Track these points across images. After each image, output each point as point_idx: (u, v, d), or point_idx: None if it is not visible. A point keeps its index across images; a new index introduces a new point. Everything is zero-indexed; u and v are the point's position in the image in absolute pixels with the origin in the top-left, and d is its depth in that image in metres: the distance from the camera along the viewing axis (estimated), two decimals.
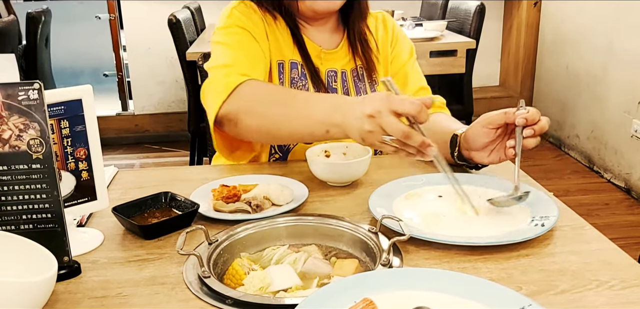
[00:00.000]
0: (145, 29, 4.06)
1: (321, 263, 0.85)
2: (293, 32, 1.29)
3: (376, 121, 0.88)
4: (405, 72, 1.37)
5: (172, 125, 4.21)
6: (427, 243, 0.87)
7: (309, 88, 1.29)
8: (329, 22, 1.33)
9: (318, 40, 1.32)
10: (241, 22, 1.24)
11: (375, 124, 0.88)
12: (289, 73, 1.28)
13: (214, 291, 0.75)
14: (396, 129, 0.86)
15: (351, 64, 1.34)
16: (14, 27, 3.24)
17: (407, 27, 3.20)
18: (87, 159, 0.90)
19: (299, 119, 1.04)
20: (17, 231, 0.79)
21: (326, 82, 1.31)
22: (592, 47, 3.50)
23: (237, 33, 1.23)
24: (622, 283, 0.78)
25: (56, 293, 0.77)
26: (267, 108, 1.09)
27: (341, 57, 1.33)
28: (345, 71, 1.33)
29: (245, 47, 1.22)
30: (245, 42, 1.22)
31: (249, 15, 1.25)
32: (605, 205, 3.08)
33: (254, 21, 1.25)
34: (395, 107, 0.87)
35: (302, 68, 1.29)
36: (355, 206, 1.03)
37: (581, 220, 0.97)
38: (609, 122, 3.35)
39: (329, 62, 1.32)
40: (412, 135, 0.86)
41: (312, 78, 1.29)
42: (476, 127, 1.06)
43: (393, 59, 1.38)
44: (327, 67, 1.32)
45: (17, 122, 0.76)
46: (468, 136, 1.08)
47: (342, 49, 1.34)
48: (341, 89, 1.32)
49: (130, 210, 0.98)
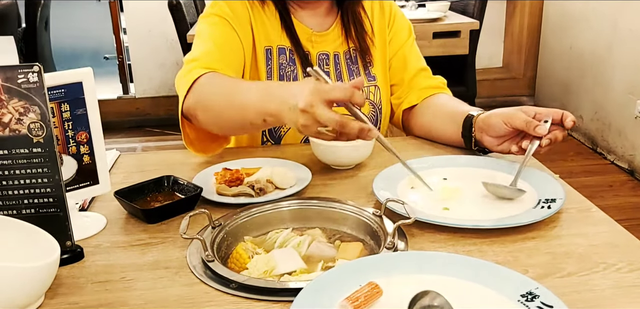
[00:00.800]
0: (146, 12, 4.03)
1: (325, 247, 0.84)
2: (281, 16, 1.27)
3: (309, 115, 0.86)
4: (404, 54, 1.35)
5: (173, 108, 4.19)
6: (432, 226, 0.86)
7: (298, 74, 1.27)
8: (322, 6, 1.30)
9: (310, 23, 1.30)
10: (221, 11, 1.23)
11: (309, 118, 0.86)
12: (276, 59, 1.27)
13: (218, 275, 0.75)
14: (330, 119, 0.85)
15: (344, 46, 1.32)
16: (13, 10, 3.22)
17: (410, 7, 3.18)
18: (89, 143, 0.89)
19: (238, 109, 1.02)
20: (18, 215, 0.79)
21: (317, 65, 1.29)
22: (596, 27, 3.47)
23: (214, 24, 1.22)
24: (630, 265, 0.77)
25: (59, 277, 0.76)
26: (214, 100, 1.07)
27: (333, 39, 1.31)
28: (337, 53, 1.31)
29: (219, 39, 1.20)
30: (219, 34, 1.21)
31: (231, 4, 1.24)
32: (609, 187, 3.07)
33: (235, 10, 1.24)
34: (326, 97, 0.86)
35: (290, 53, 1.27)
36: (359, 189, 1.02)
37: (587, 202, 0.96)
38: (613, 104, 3.33)
39: (320, 45, 1.30)
40: (347, 123, 0.85)
41: (302, 63, 1.27)
42: (497, 119, 1.05)
43: (391, 41, 1.35)
44: (319, 50, 1.30)
45: (17, 105, 0.75)
46: (488, 123, 1.07)
47: (334, 30, 1.31)
48: (334, 73, 1.30)
49: (133, 194, 0.97)
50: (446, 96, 1.30)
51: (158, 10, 3.83)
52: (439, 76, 1.35)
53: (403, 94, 1.34)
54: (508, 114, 1.04)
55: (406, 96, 1.33)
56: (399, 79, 1.35)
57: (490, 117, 1.07)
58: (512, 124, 1.03)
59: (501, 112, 1.05)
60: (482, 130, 1.08)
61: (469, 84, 3.02)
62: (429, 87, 1.31)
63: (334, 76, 1.30)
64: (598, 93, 3.48)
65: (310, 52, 1.29)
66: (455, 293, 0.66)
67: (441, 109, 1.25)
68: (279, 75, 1.27)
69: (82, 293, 0.75)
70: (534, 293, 0.67)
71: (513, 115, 1.03)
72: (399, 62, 1.35)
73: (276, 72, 1.26)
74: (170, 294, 0.74)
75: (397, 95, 1.35)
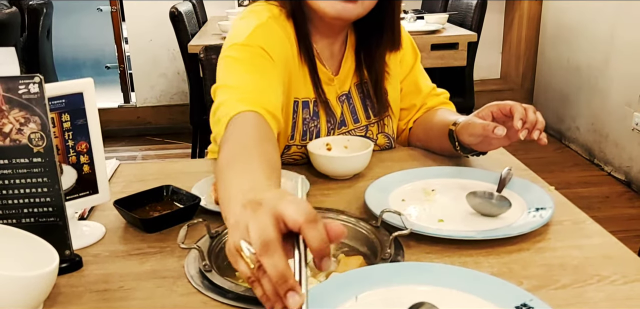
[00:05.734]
0: (147, 21, 4.05)
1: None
2: (310, 65, 1.17)
3: (245, 214, 0.58)
4: (415, 77, 1.31)
5: (174, 117, 4.21)
6: (428, 237, 0.87)
7: (321, 129, 1.20)
8: (341, 35, 1.22)
9: (326, 57, 1.21)
10: (266, 44, 1.09)
11: (242, 218, 0.58)
12: (301, 113, 1.18)
13: (215, 285, 0.75)
14: (258, 232, 0.55)
15: (355, 79, 1.25)
16: (16, 19, 3.23)
17: (409, 20, 3.19)
18: (89, 153, 0.90)
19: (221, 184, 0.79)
20: (18, 224, 0.79)
21: (338, 107, 1.23)
22: (594, 39, 3.49)
23: (259, 55, 1.07)
24: (624, 278, 0.78)
25: (57, 286, 0.77)
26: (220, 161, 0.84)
27: (348, 74, 1.24)
28: (350, 87, 1.25)
29: (262, 69, 1.07)
30: (262, 65, 1.07)
31: (273, 41, 1.11)
32: (606, 198, 3.08)
33: (275, 48, 1.10)
34: (279, 206, 0.57)
35: (314, 106, 1.19)
36: (356, 199, 1.03)
37: (582, 214, 0.96)
38: (610, 115, 3.34)
39: (340, 86, 1.23)
40: (273, 252, 0.54)
41: (325, 114, 1.20)
42: (464, 132, 1.08)
43: (401, 60, 1.30)
44: (338, 93, 1.23)
45: (18, 115, 0.76)
46: (465, 130, 1.09)
47: (347, 63, 1.23)
48: (348, 108, 1.24)
49: (132, 203, 0.98)
50: (445, 109, 1.29)
51: (160, 20, 3.84)
52: (443, 90, 1.34)
53: (413, 119, 1.33)
54: (469, 127, 1.06)
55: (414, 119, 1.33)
56: (410, 104, 1.32)
57: (468, 118, 1.09)
58: (471, 135, 1.06)
59: (465, 128, 1.08)
60: (463, 129, 1.10)
61: (467, 95, 3.04)
62: (433, 106, 1.31)
63: (348, 112, 1.24)
64: (595, 105, 3.50)
65: (330, 98, 1.21)
66: (451, 304, 0.67)
67: (434, 122, 1.25)
68: (302, 131, 1.19)
69: (80, 302, 0.75)
70: (528, 305, 0.67)
71: (474, 125, 1.05)
72: (410, 87, 1.31)
73: (300, 127, 1.18)
74: (168, 304, 0.74)
75: (405, 121, 1.33)
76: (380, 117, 1.26)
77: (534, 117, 0.99)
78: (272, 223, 0.56)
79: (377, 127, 1.27)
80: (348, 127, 1.24)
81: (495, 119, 1.05)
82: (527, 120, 0.99)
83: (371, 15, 1.13)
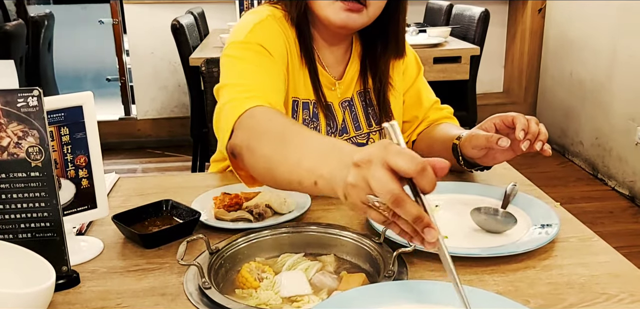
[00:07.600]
0: (148, 34, 4.06)
1: (327, 278, 0.83)
2: (310, 67, 1.16)
3: (361, 173, 0.63)
4: (418, 89, 1.30)
5: (174, 130, 4.20)
6: (432, 254, 0.85)
7: (321, 130, 1.18)
8: (345, 42, 1.22)
9: (330, 62, 1.21)
10: (265, 41, 1.09)
11: (360, 177, 0.63)
12: (301, 113, 1.18)
13: (214, 303, 0.74)
14: (383, 188, 0.61)
15: (358, 86, 1.24)
16: (23, 31, 3.22)
17: (411, 33, 3.19)
18: (88, 167, 0.89)
19: (288, 164, 0.80)
20: (15, 240, 0.78)
21: (340, 113, 1.22)
22: (597, 53, 3.49)
23: (259, 53, 1.08)
24: (632, 296, 0.76)
25: (54, 303, 0.75)
26: (263, 146, 0.87)
27: (351, 80, 1.23)
28: (353, 94, 1.25)
29: (269, 68, 1.07)
30: (268, 64, 1.08)
31: (272, 37, 1.11)
32: (610, 213, 3.06)
33: (274, 44, 1.10)
34: (389, 159, 0.61)
35: (314, 107, 1.18)
36: (358, 215, 1.01)
37: (588, 231, 0.95)
38: (614, 130, 3.33)
39: (343, 92, 1.23)
40: (404, 202, 0.61)
41: (325, 115, 1.19)
42: (467, 145, 1.06)
43: (404, 71, 1.29)
44: (341, 98, 1.22)
45: (16, 129, 0.75)
46: (469, 143, 1.07)
47: (351, 69, 1.23)
48: (349, 115, 1.23)
49: (131, 218, 0.97)
50: (449, 124, 1.28)
51: (161, 32, 3.85)
52: (447, 106, 1.33)
53: (416, 132, 1.32)
54: (472, 139, 1.05)
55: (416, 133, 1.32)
56: (412, 117, 1.31)
57: (471, 131, 1.08)
58: (475, 147, 1.04)
59: (469, 140, 1.06)
60: (466, 142, 1.08)
61: (469, 109, 3.03)
62: (436, 119, 1.30)
63: (350, 119, 1.23)
64: (598, 119, 3.48)
65: (332, 103, 1.21)
66: None
67: (437, 137, 1.24)
68: None
69: None
70: None
71: (477, 137, 1.03)
72: (413, 99, 1.30)
73: None
74: None
75: (407, 133, 1.32)
76: (383, 125, 1.25)
77: (536, 128, 0.98)
78: (390, 177, 0.61)
79: (379, 135, 1.26)
80: (350, 134, 1.24)
81: (499, 131, 1.04)
82: (529, 131, 0.98)
83: (376, 23, 1.14)
